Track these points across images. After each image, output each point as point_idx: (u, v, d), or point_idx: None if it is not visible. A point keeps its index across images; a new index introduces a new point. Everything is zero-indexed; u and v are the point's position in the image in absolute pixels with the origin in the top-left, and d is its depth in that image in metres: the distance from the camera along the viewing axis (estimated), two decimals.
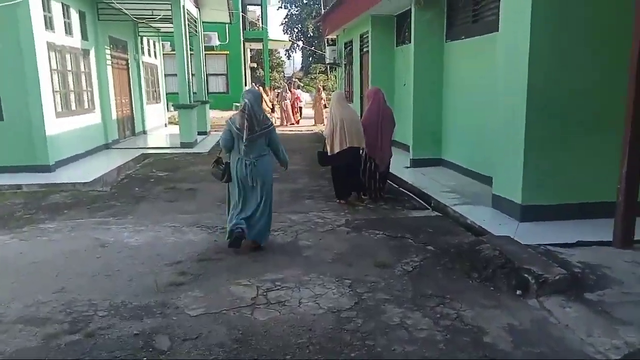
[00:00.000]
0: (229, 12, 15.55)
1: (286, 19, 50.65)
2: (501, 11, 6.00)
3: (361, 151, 6.91)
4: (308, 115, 23.83)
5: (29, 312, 3.70)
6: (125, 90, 14.30)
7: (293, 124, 21.01)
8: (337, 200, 7.07)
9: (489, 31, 7.31)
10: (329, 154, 6.80)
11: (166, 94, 19.31)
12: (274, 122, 5.68)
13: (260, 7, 30.17)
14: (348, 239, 5.49)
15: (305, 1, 50.62)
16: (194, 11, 14.46)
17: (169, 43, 21.75)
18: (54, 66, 9.55)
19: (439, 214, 6.49)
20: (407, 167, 9.38)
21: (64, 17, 10.23)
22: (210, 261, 4.78)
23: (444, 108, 9.18)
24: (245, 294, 4.02)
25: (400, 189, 8.09)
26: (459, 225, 5.95)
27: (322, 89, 22.49)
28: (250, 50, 37.54)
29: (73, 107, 10.42)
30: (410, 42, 9.65)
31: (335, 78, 46.18)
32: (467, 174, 8.32)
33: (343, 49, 15.50)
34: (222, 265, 4.67)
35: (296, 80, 40.62)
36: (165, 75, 19.57)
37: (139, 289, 4.11)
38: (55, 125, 9.31)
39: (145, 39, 16.49)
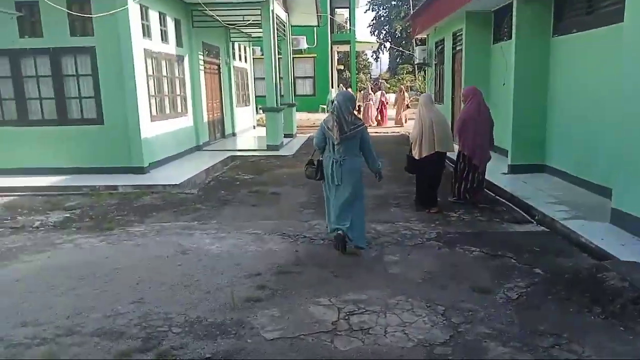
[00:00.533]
0: (317, 15, 15.37)
1: (374, 21, 50.12)
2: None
3: (456, 155, 6.69)
4: (392, 116, 23.08)
5: (106, 323, 3.57)
6: (217, 93, 14.60)
7: (371, 124, 20.15)
8: (427, 210, 6.55)
9: (608, 23, 6.34)
10: (416, 157, 6.43)
11: (255, 97, 19.61)
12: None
13: (348, 9, 29.91)
14: (440, 255, 4.91)
15: (393, 2, 49.77)
16: (283, 15, 14.44)
17: (259, 48, 22.20)
18: (150, 72, 9.84)
19: (546, 229, 5.67)
20: (505, 174, 8.51)
21: (161, 25, 10.53)
22: (290, 274, 4.45)
23: (549, 109, 8.20)
24: (325, 316, 3.61)
25: (498, 198, 7.29)
26: (571, 244, 5.13)
27: (404, 90, 21.57)
28: (338, 52, 37.44)
29: (167, 111, 10.71)
30: (510, 38, 8.77)
31: (424, 78, 44.98)
32: (576, 182, 7.33)
33: (434, 49, 14.69)
34: (302, 280, 4.30)
35: (383, 81, 39.85)
36: (255, 79, 19.87)
37: (216, 304, 3.85)
38: (150, 128, 9.59)
39: (236, 45, 16.79)
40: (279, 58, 14.18)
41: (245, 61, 18.43)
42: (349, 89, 23.54)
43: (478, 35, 10.97)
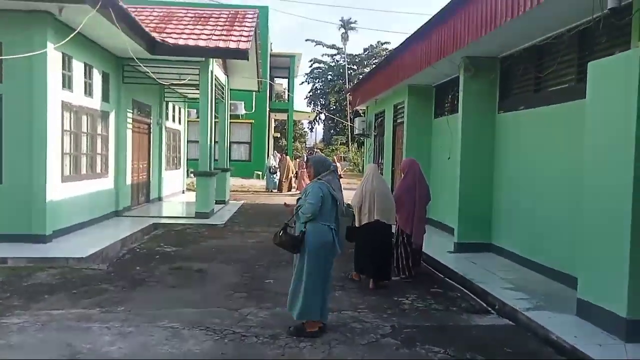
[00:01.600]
0: (258, 81, 14.95)
1: (310, 93, 51.36)
2: (590, 78, 4.81)
3: (394, 228, 6.49)
4: None
5: None
6: (145, 154, 13.42)
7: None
8: (352, 274, 6.45)
9: (561, 101, 6.15)
10: (356, 225, 6.21)
11: (187, 160, 18.52)
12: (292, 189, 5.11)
13: (287, 79, 30.22)
14: (400, 358, 4.02)
15: (329, 77, 51.54)
16: (223, 78, 13.85)
17: (195, 110, 21.44)
18: (67, 127, 8.65)
19: (510, 322, 4.98)
20: (451, 252, 7.95)
21: (85, 77, 9.47)
22: None
23: (495, 186, 7.88)
24: None
25: (448, 279, 6.63)
26: (543, 342, 4.44)
27: (337, 160, 21.79)
28: (275, 120, 37.49)
29: (83, 171, 9.41)
30: (453, 112, 8.59)
31: (359, 149, 45.78)
32: (526, 264, 6.87)
33: (373, 120, 14.58)
34: None
35: (317, 150, 40.10)
36: (189, 142, 18.88)
37: None
38: (59, 190, 8.24)
39: (170, 105, 15.88)
40: (215, 121, 13.42)
41: (179, 122, 17.47)
42: (286, 156, 22.92)
43: (420, 108, 10.84)
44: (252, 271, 6.81)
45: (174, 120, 16.47)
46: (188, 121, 18.82)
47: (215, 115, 14.36)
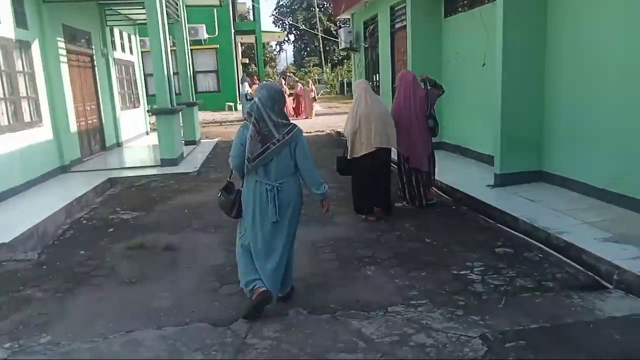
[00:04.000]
0: None
1: (275, 11, 47.36)
2: None
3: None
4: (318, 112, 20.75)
5: None
6: (91, 93, 10.98)
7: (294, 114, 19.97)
8: (363, 216, 5.46)
9: None
10: (349, 157, 5.28)
11: (148, 97, 15.98)
12: None
13: None
14: None
15: None
16: None
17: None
18: None
19: None
20: (492, 186, 6.20)
21: None
22: None
23: (550, 96, 5.97)
24: None
25: (505, 227, 4.90)
26: None
27: (311, 82, 21.01)
28: (242, 44, 34.16)
29: (2, 122, 7.13)
30: (482, 3, 6.48)
31: (332, 70, 43.02)
32: (601, 196, 5.18)
33: (362, 30, 12.21)
34: None
35: (291, 74, 37.32)
36: (147, 76, 16.20)
37: None
38: None
39: (116, 31, 13.14)
40: (172, 48, 10.95)
41: (132, 52, 14.76)
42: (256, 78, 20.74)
43: (426, 5, 8.62)
44: None
45: (123, 50, 13.77)
46: (142, 52, 16.03)
47: (172, 40, 11.88)
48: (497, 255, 4.21)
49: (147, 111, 9.36)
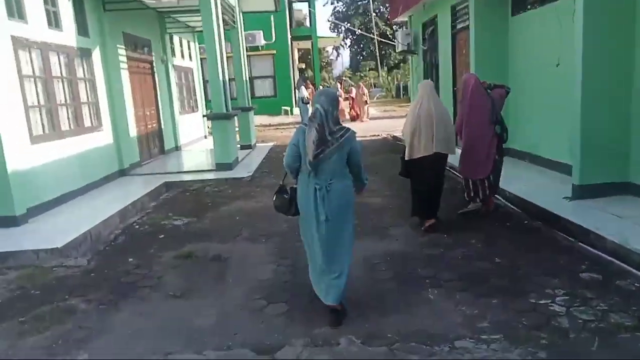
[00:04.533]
0: None
1: (332, 16, 47.29)
2: None
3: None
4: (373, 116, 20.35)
5: None
6: (151, 99, 11.14)
7: (350, 118, 19.63)
8: (422, 225, 5.10)
9: None
10: (406, 158, 5.01)
11: (206, 102, 16.15)
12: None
13: (307, 3, 26.73)
14: None
15: None
16: None
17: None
18: (26, 71, 6.39)
19: None
20: (569, 199, 5.52)
21: (46, 4, 7.06)
22: None
23: (639, 99, 5.24)
24: None
25: (589, 247, 4.26)
26: None
27: (363, 86, 20.65)
28: (298, 50, 34.27)
29: (64, 127, 7.23)
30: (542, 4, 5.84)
31: (388, 73, 42.32)
32: None
33: (421, 31, 11.65)
34: None
35: (346, 78, 36.98)
36: (206, 82, 16.40)
37: None
38: (28, 155, 6.16)
39: (176, 38, 13.34)
40: (228, 55, 10.90)
41: (191, 59, 14.97)
42: (309, 83, 20.64)
43: (490, 5, 7.99)
44: (290, 254, 4.62)
45: (183, 56, 13.97)
46: (201, 58, 16.23)
47: (228, 45, 11.86)
48: (583, 281, 3.62)
49: (203, 116, 9.27)
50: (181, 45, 13.90)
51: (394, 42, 18.88)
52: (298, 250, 4.67)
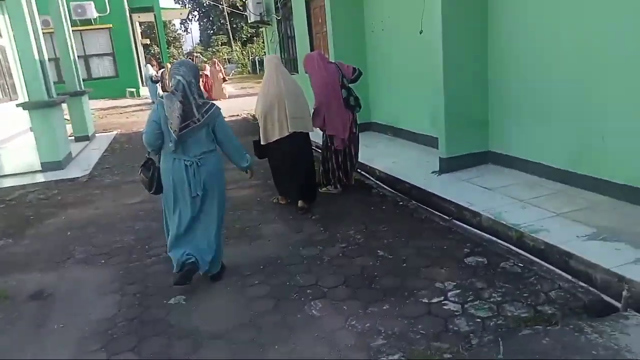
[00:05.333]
0: None
1: None
2: None
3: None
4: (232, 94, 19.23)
5: None
6: None
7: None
8: (275, 199, 5.18)
9: None
10: (262, 142, 4.72)
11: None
12: None
13: None
14: None
15: None
16: None
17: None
18: None
19: None
20: (437, 173, 5.42)
21: None
22: None
23: (495, 66, 5.22)
24: None
25: (475, 230, 4.09)
26: None
27: (217, 62, 19.08)
28: (141, 24, 31.20)
29: None
30: None
31: (242, 47, 41.06)
32: (557, 177, 4.58)
33: (273, 0, 10.93)
34: None
35: (198, 54, 34.85)
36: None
37: None
38: None
39: None
40: (48, 29, 9.05)
41: (0, 35, 12.33)
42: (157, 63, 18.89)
43: None
44: (139, 275, 3.73)
45: None
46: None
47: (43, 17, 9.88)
48: (470, 268, 3.39)
49: (17, 105, 7.51)
50: None
51: (245, 13, 17.93)
52: (148, 267, 3.81)
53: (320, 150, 5.50)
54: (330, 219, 4.61)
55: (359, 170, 6.03)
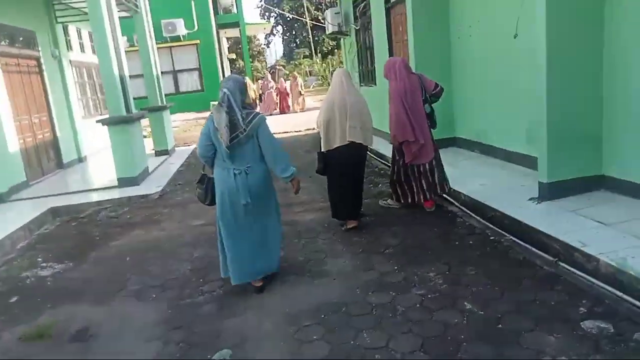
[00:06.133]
0: None
1: (261, 2, 45.41)
2: None
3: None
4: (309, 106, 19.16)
5: None
6: (40, 103, 9.26)
7: (272, 113, 18.71)
8: (342, 226, 4.71)
9: None
10: (322, 149, 4.54)
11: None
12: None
13: None
14: None
15: None
16: None
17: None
18: None
19: None
20: (537, 200, 4.53)
21: None
22: None
23: (613, 73, 4.26)
24: None
25: (572, 270, 3.23)
26: None
27: (296, 76, 19.59)
28: (228, 39, 32.28)
29: None
30: None
31: (322, 60, 41.23)
32: None
33: (351, 9, 10.41)
34: None
35: (280, 68, 35.37)
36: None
37: None
38: None
39: (73, 29, 11.41)
40: (132, 48, 9.27)
41: (94, 52, 12.98)
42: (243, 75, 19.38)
43: None
44: (187, 318, 3.29)
45: (83, 50, 12.05)
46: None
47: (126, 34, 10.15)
48: (589, 338, 2.55)
49: (97, 121, 7.63)
50: (80, 37, 11.96)
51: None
52: (199, 307, 3.37)
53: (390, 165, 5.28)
54: (407, 254, 3.93)
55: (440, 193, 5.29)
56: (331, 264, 3.93)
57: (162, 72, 13.27)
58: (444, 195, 5.14)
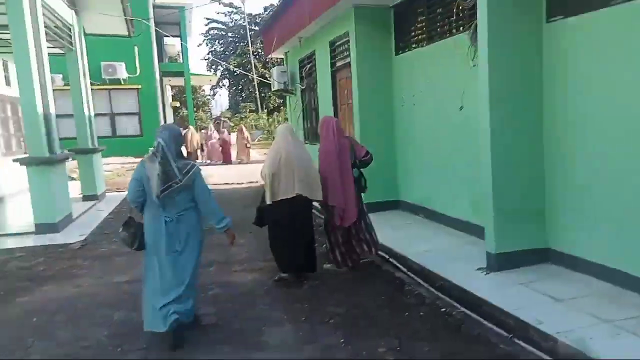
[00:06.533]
0: (127, 20, 10.07)
1: (209, 56, 45.70)
2: None
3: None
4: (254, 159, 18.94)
5: None
6: None
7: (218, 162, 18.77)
8: (277, 277, 4.56)
9: None
10: (267, 201, 4.44)
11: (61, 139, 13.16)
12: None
13: (179, 38, 24.74)
14: None
15: (230, 39, 46.06)
16: (66, 13, 8.86)
17: (60, 76, 15.90)
18: None
19: None
20: (485, 271, 4.41)
21: None
22: None
23: (553, 148, 4.33)
24: None
25: (532, 350, 3.05)
26: None
27: (244, 129, 19.91)
28: (172, 87, 31.81)
29: None
30: (441, 37, 4.98)
31: (268, 116, 41.62)
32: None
33: (298, 69, 10.48)
34: None
35: (225, 119, 35.16)
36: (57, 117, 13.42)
37: None
38: None
39: None
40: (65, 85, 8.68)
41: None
42: (191, 127, 19.13)
43: (374, 40, 7.04)
44: None
45: (8, 83, 11.19)
46: (54, 89, 13.30)
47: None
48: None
49: (14, 160, 6.87)
50: (6, 70, 11.13)
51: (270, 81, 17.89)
52: None
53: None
54: (353, 325, 3.60)
55: (388, 258, 5.08)
56: (269, 334, 3.52)
57: (98, 114, 12.58)
58: (390, 259, 4.93)
